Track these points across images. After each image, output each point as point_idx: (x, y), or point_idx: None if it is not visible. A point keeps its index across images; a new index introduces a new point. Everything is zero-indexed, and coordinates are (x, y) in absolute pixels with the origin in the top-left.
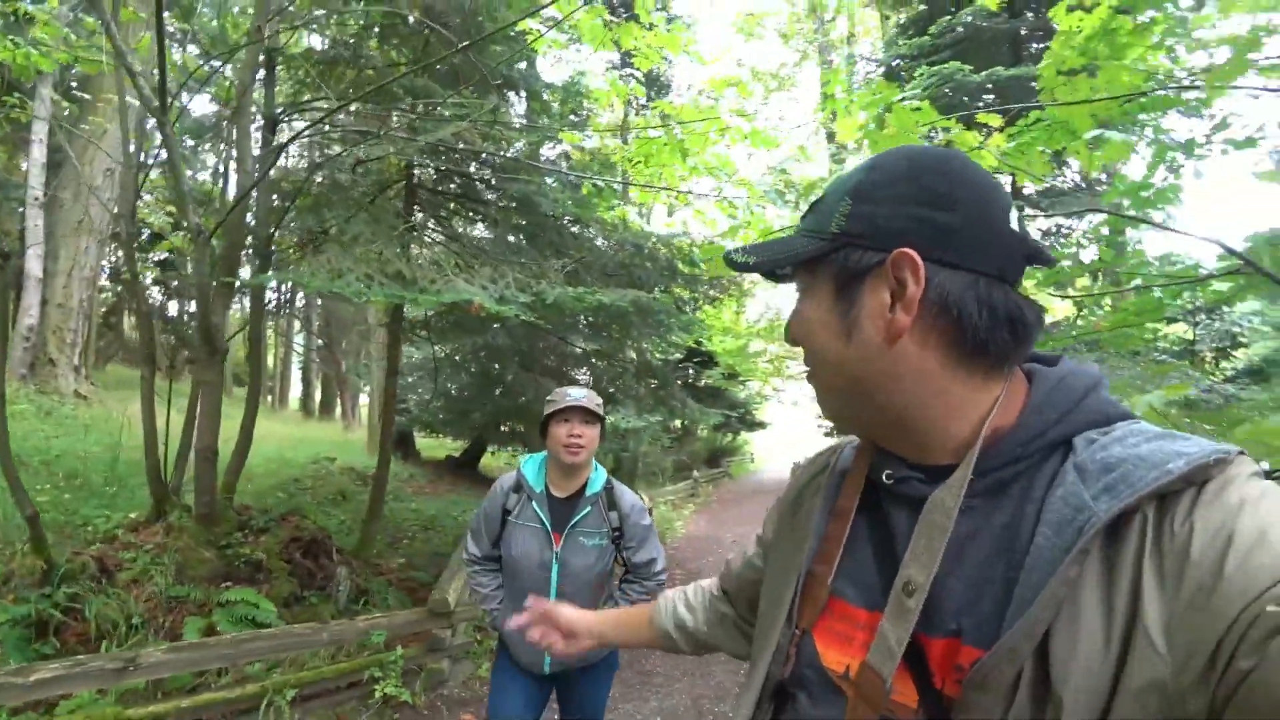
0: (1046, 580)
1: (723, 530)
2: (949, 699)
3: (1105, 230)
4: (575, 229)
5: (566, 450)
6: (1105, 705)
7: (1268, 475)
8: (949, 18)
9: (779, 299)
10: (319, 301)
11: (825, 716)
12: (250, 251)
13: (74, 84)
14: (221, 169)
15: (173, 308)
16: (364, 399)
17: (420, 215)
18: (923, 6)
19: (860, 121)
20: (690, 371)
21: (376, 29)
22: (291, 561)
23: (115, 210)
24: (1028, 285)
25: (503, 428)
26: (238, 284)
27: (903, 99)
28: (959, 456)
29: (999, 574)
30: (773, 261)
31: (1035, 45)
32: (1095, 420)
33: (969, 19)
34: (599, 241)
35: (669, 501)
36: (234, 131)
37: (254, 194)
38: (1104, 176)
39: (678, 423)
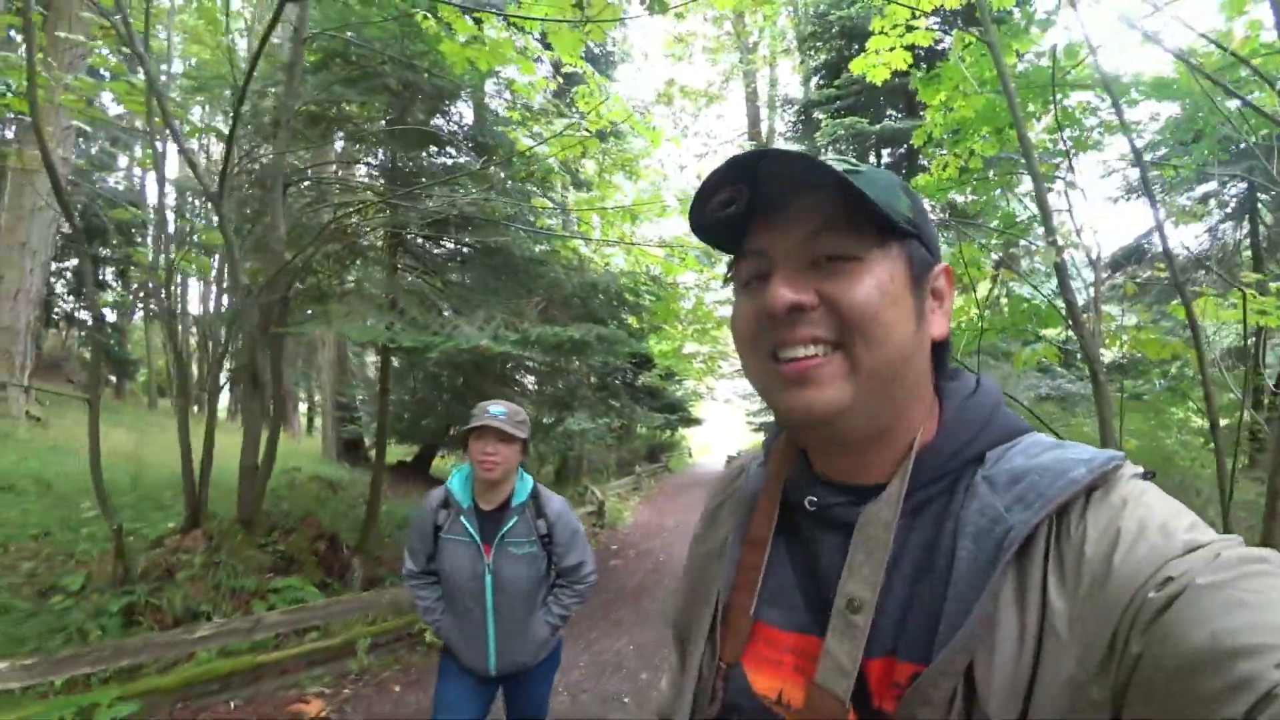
0: (973, 594)
1: (665, 518)
2: (887, 716)
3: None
4: (541, 268)
5: (481, 467)
6: (1024, 706)
7: (1144, 476)
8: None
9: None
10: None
11: None
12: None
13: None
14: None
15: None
16: (303, 407)
17: (407, 263)
18: (831, 55)
19: None
20: (628, 372)
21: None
22: (317, 555)
23: (154, 288)
24: None
25: (452, 431)
26: (282, 331)
27: None
28: (888, 474)
29: (924, 591)
30: (884, 206)
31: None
32: (1004, 435)
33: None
34: (560, 278)
35: (617, 494)
36: (269, 201)
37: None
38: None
39: (618, 422)
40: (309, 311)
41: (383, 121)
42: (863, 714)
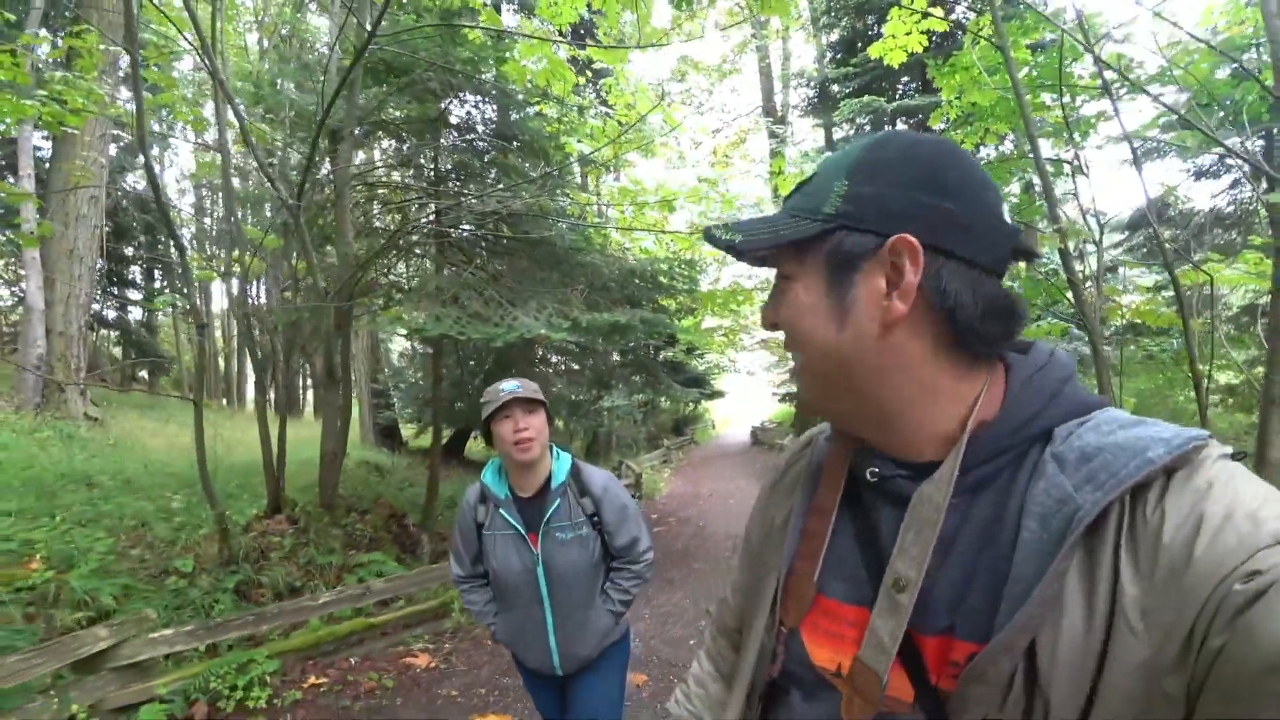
0: (1036, 574)
1: (700, 486)
2: (944, 693)
3: None
4: (582, 257)
5: (517, 448)
6: (1090, 692)
7: (1233, 457)
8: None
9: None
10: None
11: (819, 713)
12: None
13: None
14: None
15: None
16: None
17: (455, 258)
18: (845, 31)
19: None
20: (650, 349)
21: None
22: (390, 533)
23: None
24: None
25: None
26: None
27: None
28: (943, 451)
29: (985, 569)
30: (758, 244)
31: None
32: (1074, 410)
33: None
34: (600, 265)
35: (650, 467)
36: (337, 209)
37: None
38: None
39: (647, 398)
40: (375, 307)
41: (428, 127)
42: (921, 692)
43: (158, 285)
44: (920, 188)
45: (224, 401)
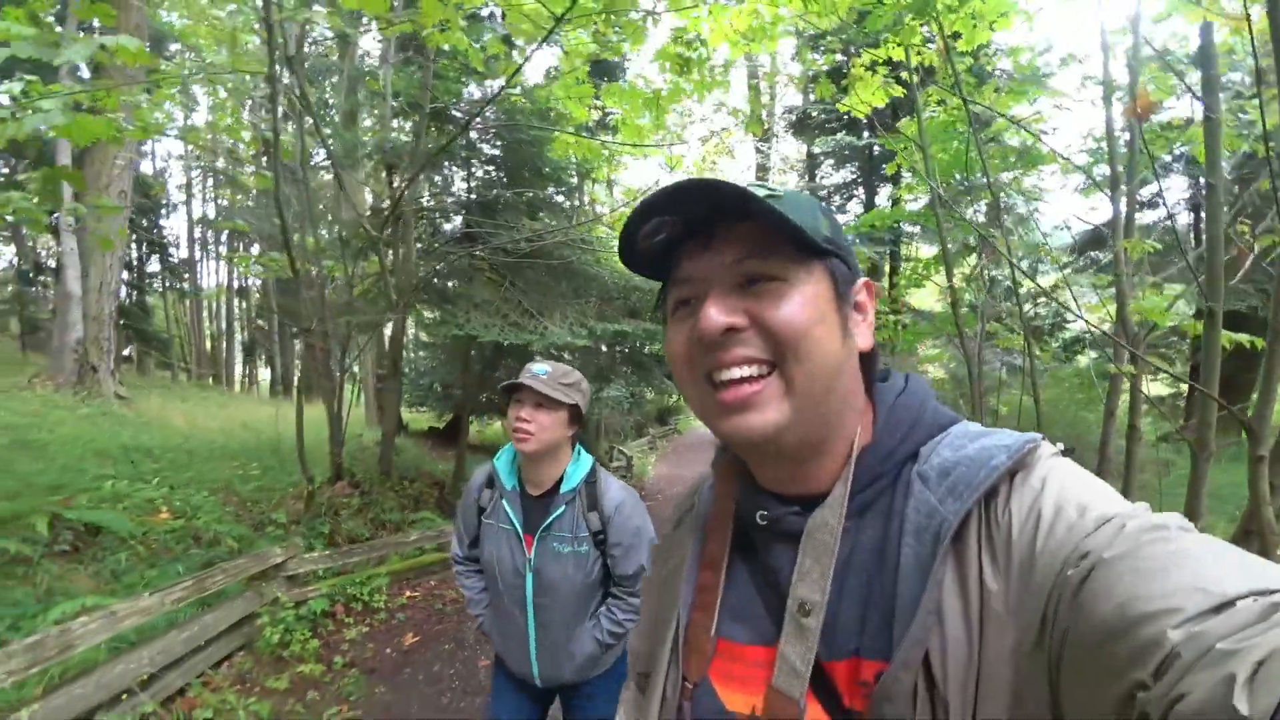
0: (920, 588)
1: (683, 470)
2: (857, 714)
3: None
4: (593, 272)
5: (515, 435)
6: (975, 685)
7: (1064, 453)
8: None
9: None
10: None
11: None
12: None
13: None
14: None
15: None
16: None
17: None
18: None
19: None
20: (643, 345)
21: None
22: (433, 497)
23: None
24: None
25: (482, 398)
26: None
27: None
28: (831, 482)
29: (878, 589)
30: (802, 228)
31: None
32: (933, 430)
33: None
34: (607, 279)
35: (638, 453)
36: (404, 235)
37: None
38: None
39: (634, 390)
40: (435, 316)
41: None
42: (835, 715)
43: (152, 269)
44: (851, 247)
45: (225, 384)
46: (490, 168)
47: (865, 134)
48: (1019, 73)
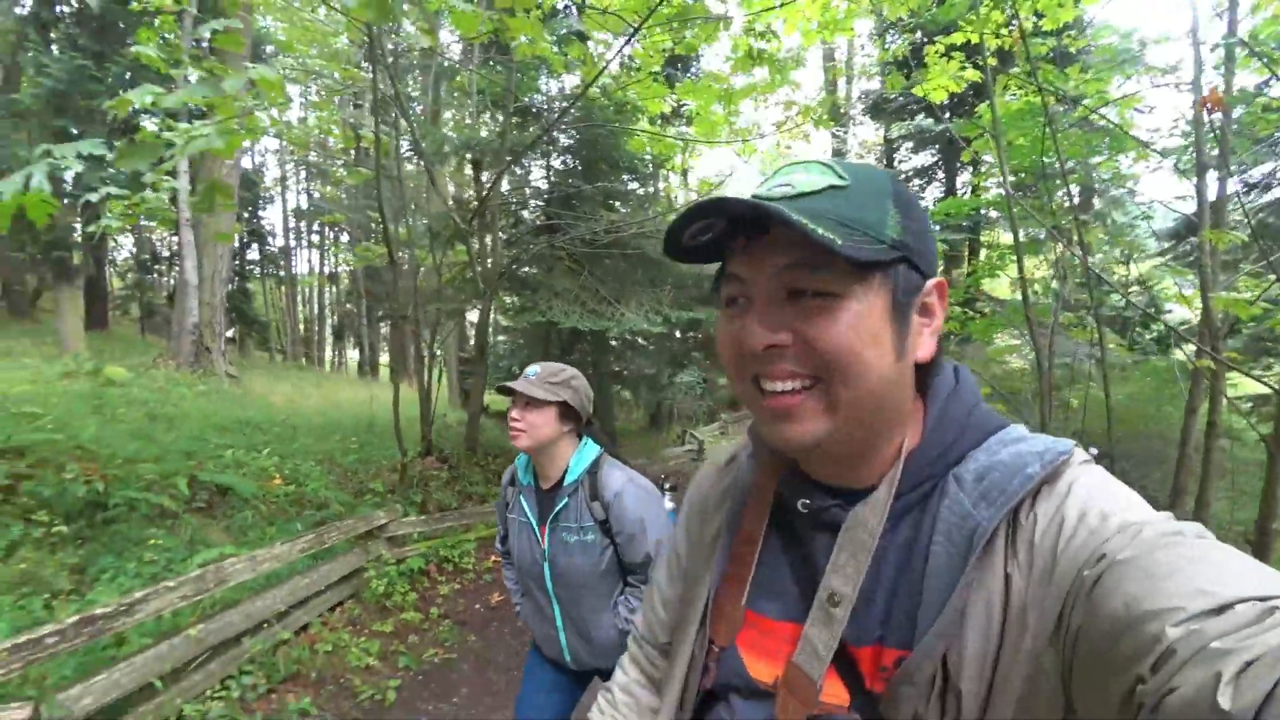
0: (948, 585)
1: None
2: (877, 695)
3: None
4: (666, 259)
5: (510, 435)
6: (991, 677)
7: (1096, 459)
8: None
9: None
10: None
11: (755, 714)
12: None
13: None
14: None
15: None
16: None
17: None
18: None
19: None
20: (710, 329)
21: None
22: None
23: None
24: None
25: None
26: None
27: None
28: (876, 479)
29: (906, 584)
30: (861, 240)
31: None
32: (981, 437)
33: None
34: (681, 268)
35: (711, 437)
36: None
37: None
38: None
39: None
40: (516, 302)
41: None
42: (857, 696)
43: (252, 257)
44: (930, 235)
45: (317, 365)
46: (568, 156)
47: (946, 115)
48: (1100, 55)
